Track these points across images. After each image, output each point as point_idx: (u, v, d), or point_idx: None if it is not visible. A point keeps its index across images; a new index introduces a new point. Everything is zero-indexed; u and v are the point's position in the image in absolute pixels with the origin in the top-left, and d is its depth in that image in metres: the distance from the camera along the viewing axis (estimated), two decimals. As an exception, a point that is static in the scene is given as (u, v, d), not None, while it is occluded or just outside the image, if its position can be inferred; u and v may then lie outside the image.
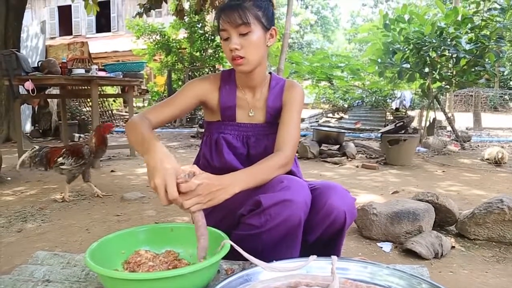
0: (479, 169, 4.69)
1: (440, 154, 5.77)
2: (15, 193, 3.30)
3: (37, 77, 4.02)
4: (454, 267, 1.92)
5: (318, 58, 8.64)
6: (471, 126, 10.21)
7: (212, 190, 0.97)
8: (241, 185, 1.05)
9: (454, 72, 6.03)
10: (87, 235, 2.31)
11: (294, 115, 1.26)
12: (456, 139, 6.64)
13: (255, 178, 1.09)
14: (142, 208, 2.90)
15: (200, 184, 0.94)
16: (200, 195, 0.94)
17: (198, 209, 0.94)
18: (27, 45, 8.23)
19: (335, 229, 1.14)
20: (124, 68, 4.60)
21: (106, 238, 0.97)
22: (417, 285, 0.83)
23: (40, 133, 7.41)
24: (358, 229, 2.38)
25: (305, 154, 5.38)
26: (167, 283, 0.77)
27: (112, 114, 10.69)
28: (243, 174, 1.08)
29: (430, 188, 3.55)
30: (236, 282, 0.83)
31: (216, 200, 0.98)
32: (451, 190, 3.58)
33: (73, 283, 0.93)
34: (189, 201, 0.92)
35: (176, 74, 12.24)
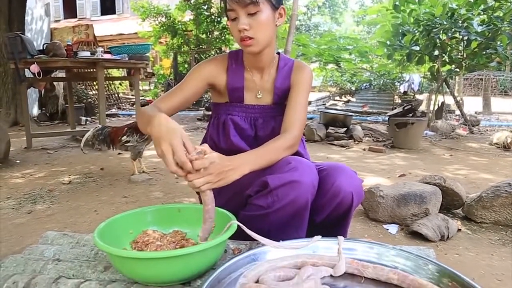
0: (487, 153, 4.65)
1: (448, 138, 5.72)
2: (24, 175, 3.34)
3: (42, 60, 4.02)
4: (460, 249, 1.93)
5: (325, 40, 8.54)
6: (480, 110, 10.08)
7: (223, 170, 0.97)
8: (250, 166, 1.05)
9: (465, 55, 5.93)
10: (95, 216, 2.34)
11: (302, 97, 1.25)
12: (464, 123, 6.58)
13: (263, 159, 1.10)
14: (149, 189, 2.93)
15: (212, 163, 0.94)
16: (211, 174, 0.94)
17: (208, 188, 0.94)
18: (31, 28, 8.21)
19: (342, 210, 1.14)
20: (130, 50, 4.57)
21: (114, 218, 0.99)
22: (423, 266, 0.84)
23: (47, 116, 7.45)
24: (364, 211, 2.39)
25: (312, 137, 5.37)
26: (174, 262, 0.79)
27: (118, 97, 10.71)
28: (252, 155, 1.08)
29: (437, 171, 3.53)
30: (243, 261, 0.84)
31: (226, 180, 0.98)
32: (458, 174, 3.56)
33: (82, 262, 0.95)
34: (199, 179, 0.92)
35: (182, 57, 12.17)
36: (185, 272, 0.82)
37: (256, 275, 0.76)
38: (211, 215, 0.95)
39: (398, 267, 0.85)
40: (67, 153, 4.34)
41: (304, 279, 0.73)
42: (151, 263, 0.78)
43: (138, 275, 0.82)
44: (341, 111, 8.01)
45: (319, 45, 8.59)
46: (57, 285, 0.83)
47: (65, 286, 0.83)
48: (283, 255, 0.86)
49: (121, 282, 0.84)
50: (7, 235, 2.05)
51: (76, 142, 4.82)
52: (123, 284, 0.83)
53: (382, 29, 6.72)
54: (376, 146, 4.91)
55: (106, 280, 0.88)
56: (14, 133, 5.61)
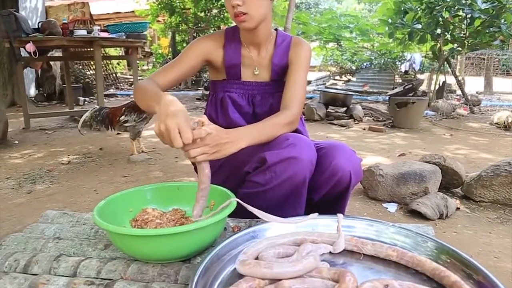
0: (487, 133, 4.65)
1: (449, 117, 5.71)
2: (23, 156, 3.34)
3: (38, 39, 3.96)
4: (458, 227, 1.95)
5: (326, 18, 8.42)
6: (482, 90, 10.03)
7: (220, 142, 0.96)
8: (248, 140, 1.04)
9: (467, 33, 5.85)
10: (95, 196, 2.35)
11: (301, 74, 1.24)
12: (465, 103, 6.55)
13: (262, 134, 1.09)
14: (149, 169, 2.94)
15: (209, 134, 0.93)
16: (208, 145, 0.93)
17: (203, 160, 0.94)
18: (25, 6, 8.05)
19: (340, 189, 1.15)
20: (127, 29, 4.51)
21: (113, 197, 0.99)
22: (422, 243, 0.85)
23: (44, 97, 7.40)
24: (364, 190, 2.40)
25: (311, 116, 5.36)
26: (174, 240, 0.79)
27: (116, 77, 10.61)
28: (250, 130, 1.08)
29: (437, 151, 3.53)
30: (242, 238, 0.85)
31: (222, 153, 0.98)
32: (458, 154, 3.57)
33: (82, 240, 0.96)
34: (196, 149, 0.91)
35: (180, 36, 12.00)
36: (185, 249, 0.83)
37: (255, 252, 0.77)
38: (204, 192, 0.94)
39: (397, 244, 0.86)
40: (66, 134, 4.33)
41: (303, 256, 0.74)
42: (151, 240, 0.79)
43: (138, 253, 0.83)
44: (341, 90, 7.96)
45: (319, 23, 8.47)
46: (58, 263, 0.84)
47: (66, 264, 0.83)
48: (283, 233, 0.86)
49: (121, 260, 0.85)
50: (8, 215, 2.07)
51: (74, 123, 4.81)
52: (123, 261, 0.84)
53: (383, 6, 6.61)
54: (376, 125, 4.90)
55: (106, 257, 0.88)
56: (11, 113, 5.59)
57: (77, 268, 0.82)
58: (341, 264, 0.79)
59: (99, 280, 0.77)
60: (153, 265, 0.82)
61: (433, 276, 0.73)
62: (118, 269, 0.81)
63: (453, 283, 0.68)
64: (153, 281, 0.78)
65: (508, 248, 1.72)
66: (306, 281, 0.67)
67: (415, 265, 0.76)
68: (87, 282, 0.76)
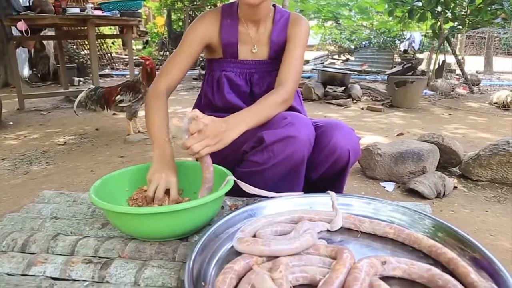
0: (486, 112, 4.65)
1: (448, 97, 5.69)
2: (18, 137, 3.33)
3: (29, 17, 3.87)
4: (456, 206, 1.97)
5: (324, -5, 8.29)
6: (482, 69, 9.97)
7: (219, 131, 0.95)
8: (246, 124, 1.03)
9: (468, 11, 5.77)
10: (92, 176, 2.36)
11: (298, 51, 1.22)
12: (465, 82, 6.52)
13: (259, 116, 1.08)
14: (145, 149, 2.94)
15: (207, 125, 0.92)
16: (208, 137, 0.92)
17: (207, 152, 0.93)
18: (16, -17, 7.88)
19: (339, 167, 1.15)
20: (121, 6, 4.42)
21: (110, 176, 0.99)
22: (419, 221, 0.86)
23: (38, 77, 7.31)
24: (361, 169, 2.42)
25: (309, 96, 5.33)
26: (171, 218, 0.79)
27: (111, 57, 10.49)
28: (247, 113, 1.07)
29: (435, 130, 3.53)
30: (240, 216, 0.85)
31: (224, 142, 0.97)
32: (456, 133, 3.57)
33: (80, 219, 0.96)
34: (197, 144, 0.91)
35: (176, 14, 11.80)
36: (182, 227, 0.83)
37: (253, 230, 0.77)
38: (209, 179, 0.94)
39: (395, 222, 0.86)
40: (61, 114, 4.30)
41: (301, 234, 0.74)
42: (148, 218, 0.79)
43: (136, 231, 0.83)
44: (340, 69, 7.91)
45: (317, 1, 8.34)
46: (55, 242, 0.84)
47: (63, 243, 0.84)
48: (280, 211, 0.87)
49: (118, 239, 0.86)
50: (4, 195, 2.07)
51: (70, 103, 4.77)
52: (121, 240, 0.84)
53: (383, -17, 6.51)
54: (374, 105, 4.89)
55: (104, 236, 0.89)
56: (5, 94, 5.54)
57: (74, 247, 0.83)
58: (339, 242, 0.80)
59: (97, 258, 0.78)
60: (151, 243, 0.82)
61: (429, 253, 0.73)
62: (115, 247, 0.82)
63: (449, 260, 0.69)
64: (150, 259, 0.79)
65: (504, 226, 1.75)
66: (303, 258, 0.67)
67: (412, 242, 0.77)
68: (85, 260, 0.76)
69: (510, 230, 1.71)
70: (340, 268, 0.62)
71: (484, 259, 0.69)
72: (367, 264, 0.63)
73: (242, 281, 0.62)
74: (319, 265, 0.66)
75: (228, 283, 0.60)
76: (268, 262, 0.67)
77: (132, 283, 0.71)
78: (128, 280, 0.72)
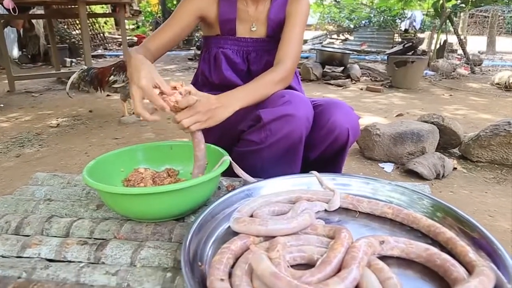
0: (488, 93, 4.64)
1: (449, 77, 5.67)
2: (9, 119, 3.31)
3: (17, -6, 3.80)
4: (455, 187, 1.98)
5: (323, -28, 8.15)
6: (484, 50, 9.91)
7: (211, 108, 0.95)
8: (240, 102, 1.03)
9: (472, -12, 5.71)
10: (86, 158, 2.36)
11: (297, 29, 1.21)
12: (466, 63, 6.49)
13: (254, 95, 1.08)
14: (140, 131, 2.94)
15: (199, 101, 0.92)
16: (199, 113, 0.92)
17: (197, 128, 0.93)
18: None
19: (338, 147, 1.15)
20: (113, -16, 4.35)
21: (104, 156, 0.98)
22: (418, 201, 0.86)
23: (29, 58, 7.23)
24: (360, 150, 2.42)
25: (307, 76, 5.31)
26: (167, 198, 0.79)
27: (104, 37, 10.36)
28: (242, 91, 1.06)
29: (436, 111, 3.52)
30: (236, 197, 0.86)
31: (215, 119, 0.97)
32: (457, 114, 3.58)
33: (74, 201, 0.96)
34: (188, 119, 0.91)
35: (170, -8, 11.63)
36: (178, 207, 0.83)
37: (250, 210, 0.78)
38: (201, 158, 0.94)
39: (393, 202, 0.87)
40: (53, 96, 4.27)
41: (298, 213, 0.75)
42: (144, 199, 0.79)
43: (131, 212, 0.83)
44: (339, 49, 7.84)
45: (316, -22, 8.21)
46: (50, 224, 0.84)
47: (58, 225, 0.84)
48: (278, 191, 0.87)
49: (114, 220, 0.86)
50: (-3, 178, 2.07)
51: (62, 85, 4.73)
52: (116, 221, 0.85)
53: (384, -41, 6.40)
54: (374, 85, 4.88)
55: (99, 218, 0.89)
56: (-5, 75, 5.48)
57: (69, 229, 0.83)
58: (337, 222, 0.80)
59: (92, 240, 0.78)
60: (147, 224, 0.83)
61: (428, 233, 0.74)
62: (111, 228, 0.82)
63: (448, 239, 0.69)
64: (146, 239, 0.79)
65: (503, 207, 1.76)
66: (301, 238, 0.68)
67: (410, 222, 0.77)
68: (80, 242, 0.76)
69: (509, 211, 1.72)
70: (338, 247, 0.62)
71: (483, 239, 0.70)
72: (365, 243, 0.63)
73: (239, 261, 0.62)
74: (316, 244, 0.66)
75: (225, 263, 0.61)
76: (265, 242, 0.67)
77: (128, 264, 0.72)
78: (124, 261, 0.72)
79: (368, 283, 0.55)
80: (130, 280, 0.66)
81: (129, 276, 0.67)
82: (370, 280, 0.56)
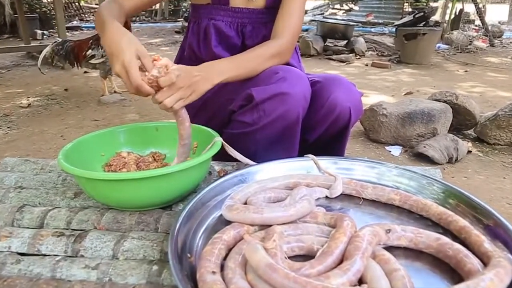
0: (508, 68, 4.65)
1: (464, 51, 5.67)
2: (-27, 98, 3.28)
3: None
4: (469, 172, 2.00)
5: None
6: (505, 20, 9.87)
7: (193, 81, 0.94)
8: (225, 74, 1.02)
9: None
10: (62, 142, 2.35)
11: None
12: (485, 34, 6.47)
13: (242, 67, 1.07)
14: (123, 111, 2.93)
15: (179, 76, 0.90)
16: (181, 89, 0.91)
17: (181, 106, 0.93)
18: None
19: (338, 128, 1.15)
20: None
21: (82, 139, 0.98)
22: (428, 186, 0.87)
23: (-8, 30, 7.14)
24: (365, 132, 2.43)
25: (307, 51, 5.29)
26: (153, 184, 0.79)
27: (79, 6, 10.23)
28: (227, 62, 1.05)
29: (449, 89, 3.53)
30: (229, 182, 0.86)
31: (198, 92, 0.96)
32: (473, 91, 3.58)
33: (49, 189, 0.96)
34: (170, 98, 0.89)
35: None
36: (165, 195, 0.84)
37: (244, 197, 0.78)
38: (187, 150, 0.94)
39: (400, 188, 0.87)
40: (23, 73, 4.22)
41: (296, 200, 0.75)
42: (127, 185, 0.79)
43: (113, 200, 0.83)
44: (342, 21, 7.80)
45: None
46: (21, 214, 0.84)
47: (31, 215, 0.84)
48: (274, 176, 0.87)
49: (94, 209, 0.86)
50: (-39, 165, 2.06)
51: (33, 60, 4.68)
52: (97, 210, 0.85)
53: None
54: (380, 61, 4.88)
55: (77, 207, 0.89)
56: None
57: (43, 219, 0.83)
58: (339, 209, 0.81)
59: (70, 231, 0.78)
60: (130, 213, 0.83)
61: (439, 221, 0.75)
62: (90, 218, 0.82)
63: (461, 228, 0.69)
64: (130, 230, 0.79)
65: (522, 194, 1.78)
66: (299, 227, 0.68)
67: (419, 209, 0.78)
68: (56, 233, 0.76)
69: (528, 198, 1.74)
70: (340, 236, 0.63)
71: (499, 227, 0.70)
72: (370, 232, 0.64)
73: (232, 251, 0.62)
74: (316, 234, 0.67)
75: (217, 254, 0.61)
76: (260, 232, 0.68)
77: (110, 257, 0.72)
78: (105, 253, 0.73)
79: (373, 275, 0.56)
80: (112, 274, 0.67)
81: (111, 270, 0.67)
82: (375, 272, 0.56)
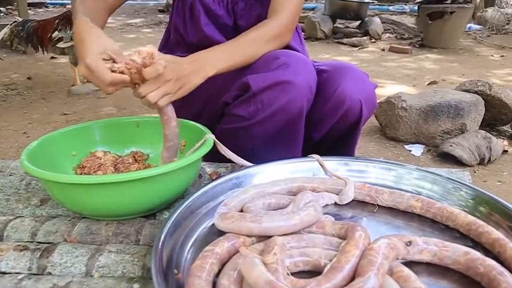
0: (552, 52, 4.66)
1: (501, 32, 5.67)
2: None
3: None
4: (505, 176, 2.00)
5: None
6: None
7: (182, 74, 0.94)
8: (218, 65, 1.02)
9: None
10: (25, 140, 2.34)
11: None
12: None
13: (237, 55, 1.07)
14: (98, 104, 2.93)
15: (166, 67, 0.89)
16: (169, 82, 0.91)
17: (168, 102, 0.93)
18: None
19: (348, 124, 1.16)
20: None
21: (49, 136, 0.98)
22: (454, 191, 0.87)
23: None
24: (380, 128, 2.44)
25: (313, 33, 5.29)
26: (133, 189, 0.80)
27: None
28: (220, 50, 1.06)
29: (481, 77, 3.52)
30: (222, 187, 0.86)
31: (187, 87, 0.96)
32: (510, 80, 3.59)
33: (9, 195, 0.96)
34: (155, 92, 0.89)
35: None
36: (147, 201, 0.84)
37: (239, 204, 0.79)
38: (172, 137, 0.94)
39: (422, 193, 0.88)
40: (-23, 58, 4.22)
41: (301, 207, 0.75)
42: (103, 190, 0.79)
43: (87, 207, 0.84)
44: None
45: None
46: (-23, 225, 0.84)
47: (-13, 226, 0.84)
48: (275, 179, 0.88)
49: (64, 218, 0.86)
50: None
51: (-11, 43, 4.67)
52: (67, 220, 0.85)
53: None
54: (399, 45, 4.88)
55: (44, 216, 0.89)
56: None
57: (3, 231, 0.83)
58: (350, 218, 0.82)
59: (35, 244, 0.78)
60: (107, 222, 0.83)
61: (468, 233, 0.75)
62: (60, 229, 0.82)
63: (494, 241, 0.70)
64: (107, 242, 0.80)
65: None
66: (304, 238, 0.69)
67: (445, 218, 0.79)
68: (19, 247, 0.76)
69: None
70: (351, 249, 0.63)
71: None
72: (386, 245, 0.64)
73: (225, 267, 0.63)
74: (324, 246, 0.67)
75: (208, 269, 0.62)
76: (259, 243, 0.68)
77: (82, 274, 0.73)
78: (77, 270, 0.73)
79: (390, 294, 0.57)
80: (85, 294, 0.67)
81: (84, 289, 0.68)
82: (392, 291, 0.57)
